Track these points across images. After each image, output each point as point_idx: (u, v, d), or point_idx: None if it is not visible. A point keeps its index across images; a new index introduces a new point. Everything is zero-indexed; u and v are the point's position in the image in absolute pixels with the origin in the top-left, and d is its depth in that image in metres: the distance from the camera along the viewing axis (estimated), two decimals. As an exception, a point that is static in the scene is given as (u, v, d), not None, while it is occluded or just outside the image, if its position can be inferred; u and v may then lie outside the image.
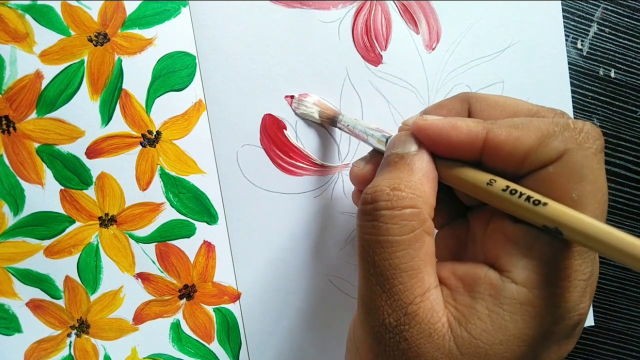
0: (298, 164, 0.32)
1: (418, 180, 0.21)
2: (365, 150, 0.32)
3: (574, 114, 0.35)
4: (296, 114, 0.31)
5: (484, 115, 0.23)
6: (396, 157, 0.22)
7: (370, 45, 0.32)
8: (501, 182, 0.20)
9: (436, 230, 0.26)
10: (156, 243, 0.31)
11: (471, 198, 0.23)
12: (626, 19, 0.35)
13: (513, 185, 0.20)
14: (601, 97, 0.35)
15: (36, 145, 0.29)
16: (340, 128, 0.30)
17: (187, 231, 0.31)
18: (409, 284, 0.19)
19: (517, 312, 0.19)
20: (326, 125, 0.31)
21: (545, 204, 0.19)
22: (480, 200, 0.22)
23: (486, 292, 0.19)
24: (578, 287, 0.19)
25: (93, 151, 0.29)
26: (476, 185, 0.21)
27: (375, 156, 0.26)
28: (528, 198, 0.19)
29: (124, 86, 0.29)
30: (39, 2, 0.28)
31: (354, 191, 0.29)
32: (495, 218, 0.22)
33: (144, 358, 0.31)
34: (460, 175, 0.21)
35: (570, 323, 0.20)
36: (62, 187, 0.29)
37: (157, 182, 0.30)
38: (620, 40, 0.35)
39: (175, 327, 0.31)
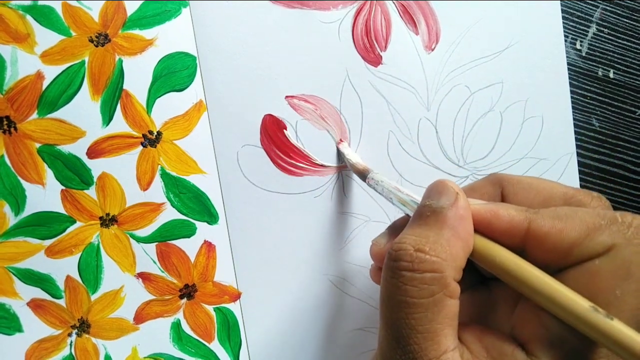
0: (298, 164, 0.32)
1: (446, 240, 0.20)
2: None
3: (573, 114, 0.35)
4: (339, 149, 0.32)
5: (517, 199, 0.23)
6: (428, 211, 0.21)
7: (370, 46, 0.32)
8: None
9: None
10: (157, 243, 0.31)
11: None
12: (625, 20, 0.35)
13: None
14: (600, 98, 0.36)
15: (37, 145, 0.29)
16: (368, 183, 0.28)
17: (188, 231, 0.31)
18: (423, 346, 0.19)
19: None
20: (357, 175, 0.31)
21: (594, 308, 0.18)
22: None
23: None
24: None
25: (94, 151, 0.30)
26: (516, 277, 0.20)
27: (396, 231, 0.25)
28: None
29: (124, 86, 0.29)
30: (39, 3, 0.28)
31: (373, 268, 0.27)
32: (523, 300, 0.21)
33: (145, 357, 0.31)
34: (499, 263, 0.20)
35: None
36: (63, 187, 0.30)
37: (157, 182, 0.30)
38: (619, 40, 0.35)
39: (176, 326, 0.31)
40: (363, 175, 0.29)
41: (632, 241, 0.19)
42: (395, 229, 0.26)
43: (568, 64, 0.35)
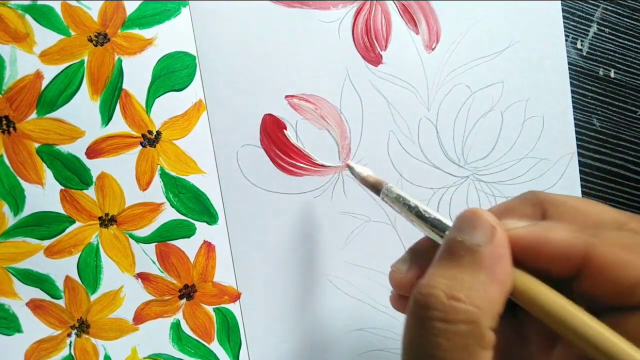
0: (298, 164, 0.32)
1: (482, 285, 0.17)
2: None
3: (574, 114, 0.35)
4: (348, 165, 0.30)
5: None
6: (462, 249, 0.18)
7: (370, 45, 0.32)
8: None
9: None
10: (156, 243, 0.31)
11: None
12: (626, 19, 0.35)
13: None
14: (601, 97, 0.35)
15: (36, 145, 0.29)
16: (384, 199, 0.26)
17: (187, 231, 0.31)
18: None
19: None
20: (370, 189, 0.29)
21: None
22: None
23: None
24: None
25: (93, 151, 0.30)
26: (564, 324, 0.17)
27: (417, 256, 0.23)
28: None
29: (124, 86, 0.29)
30: (39, 2, 0.28)
31: (393, 295, 0.24)
32: (566, 342, 0.19)
33: (144, 358, 0.31)
34: (542, 305, 0.18)
35: None
36: (62, 187, 0.30)
37: (157, 182, 0.30)
38: (620, 40, 0.35)
39: (176, 327, 0.31)
40: (376, 189, 0.26)
41: None
42: (416, 253, 0.23)
43: (569, 63, 0.35)
